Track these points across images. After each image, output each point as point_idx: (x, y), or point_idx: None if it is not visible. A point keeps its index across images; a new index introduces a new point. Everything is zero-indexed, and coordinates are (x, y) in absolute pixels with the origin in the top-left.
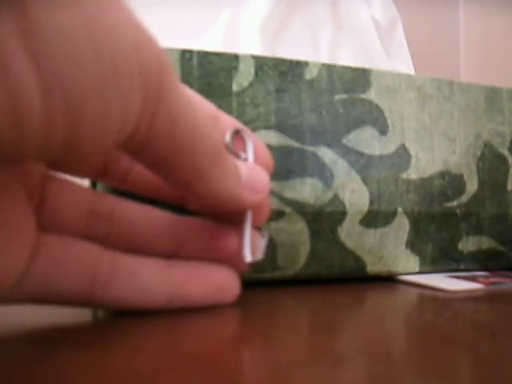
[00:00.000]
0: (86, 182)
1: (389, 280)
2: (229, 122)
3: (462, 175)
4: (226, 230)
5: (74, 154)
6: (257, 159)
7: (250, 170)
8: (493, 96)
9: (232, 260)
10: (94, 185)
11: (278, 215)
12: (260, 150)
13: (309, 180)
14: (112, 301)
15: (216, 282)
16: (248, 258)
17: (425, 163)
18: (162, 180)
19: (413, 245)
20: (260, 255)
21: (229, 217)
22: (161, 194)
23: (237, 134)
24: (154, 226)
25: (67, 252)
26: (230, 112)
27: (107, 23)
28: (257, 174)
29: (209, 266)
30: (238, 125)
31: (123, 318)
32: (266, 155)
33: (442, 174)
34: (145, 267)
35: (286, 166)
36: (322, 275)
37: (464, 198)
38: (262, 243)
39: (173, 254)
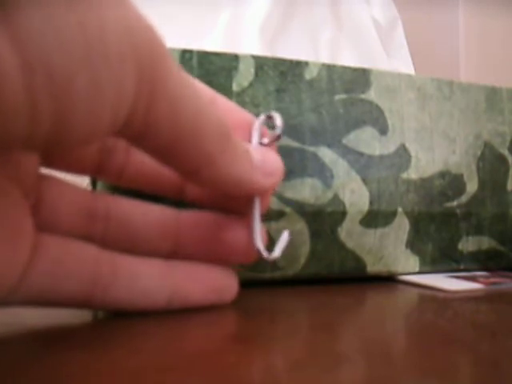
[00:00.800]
0: (85, 181)
1: (389, 280)
2: (226, 105)
3: (462, 175)
4: (227, 222)
5: (64, 141)
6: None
7: (261, 153)
8: (493, 96)
9: (235, 253)
10: (94, 183)
11: (278, 215)
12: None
13: (309, 180)
14: (112, 302)
15: (214, 282)
16: (259, 245)
17: (425, 163)
18: (167, 170)
19: (413, 245)
20: (278, 254)
21: (233, 206)
22: (158, 189)
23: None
24: (152, 223)
25: (67, 253)
26: None
27: (96, 4)
28: (269, 157)
29: (207, 265)
30: (236, 108)
31: (123, 317)
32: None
33: (442, 174)
34: (145, 268)
35: (286, 166)
36: (322, 275)
37: (464, 198)
38: (283, 241)
39: (172, 250)
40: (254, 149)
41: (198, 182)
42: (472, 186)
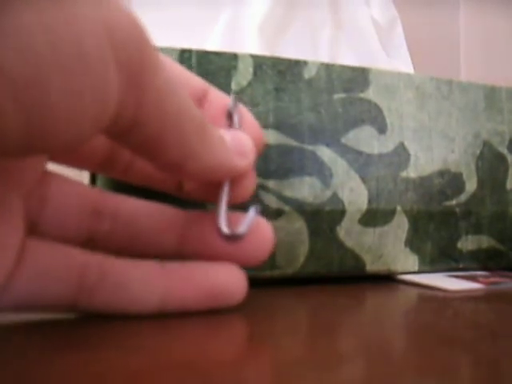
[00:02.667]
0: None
1: (389, 280)
2: (219, 96)
3: (461, 174)
4: (231, 219)
5: (44, 147)
6: (246, 131)
7: (232, 136)
8: (492, 95)
9: (235, 251)
10: (93, 180)
11: (276, 214)
12: (248, 122)
13: (308, 179)
14: (99, 306)
15: (215, 284)
16: (224, 229)
17: (424, 162)
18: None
19: (412, 243)
20: (243, 230)
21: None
22: (160, 184)
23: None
24: (158, 221)
25: (53, 258)
26: None
27: (68, 4)
28: (240, 138)
29: (209, 266)
30: (228, 99)
31: (118, 316)
32: (255, 127)
33: (441, 173)
34: (134, 272)
35: (284, 164)
36: (321, 274)
37: (463, 197)
38: (249, 217)
39: (178, 249)
40: (225, 132)
41: (182, 175)
42: (471, 185)
